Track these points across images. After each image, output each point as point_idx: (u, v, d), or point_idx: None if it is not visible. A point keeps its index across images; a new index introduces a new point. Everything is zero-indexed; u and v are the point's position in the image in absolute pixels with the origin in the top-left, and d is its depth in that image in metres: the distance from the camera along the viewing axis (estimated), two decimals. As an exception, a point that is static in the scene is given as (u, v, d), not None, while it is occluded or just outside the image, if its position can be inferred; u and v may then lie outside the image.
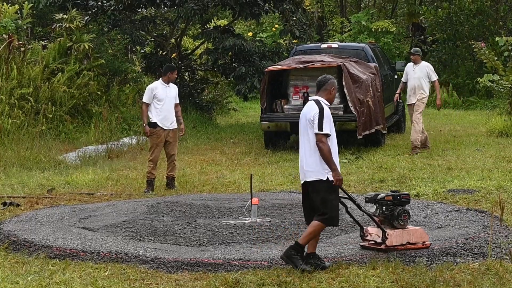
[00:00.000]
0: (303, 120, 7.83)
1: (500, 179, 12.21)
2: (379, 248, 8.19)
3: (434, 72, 15.93)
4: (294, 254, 7.63)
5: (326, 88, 7.90)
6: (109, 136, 17.44)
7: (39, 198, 11.78)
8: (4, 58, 17.72)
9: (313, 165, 7.66)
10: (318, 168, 7.64)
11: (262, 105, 16.75)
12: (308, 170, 7.70)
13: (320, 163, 7.63)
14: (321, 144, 7.59)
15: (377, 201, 8.26)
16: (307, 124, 7.73)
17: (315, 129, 7.63)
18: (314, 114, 7.67)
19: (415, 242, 8.28)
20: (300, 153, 7.85)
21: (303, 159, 7.78)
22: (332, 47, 18.39)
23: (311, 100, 7.90)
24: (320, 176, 7.64)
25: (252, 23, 31.79)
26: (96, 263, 8.07)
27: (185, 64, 22.86)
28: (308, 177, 7.70)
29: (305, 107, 7.90)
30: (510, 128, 17.79)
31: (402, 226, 8.26)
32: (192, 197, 11.77)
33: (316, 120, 7.63)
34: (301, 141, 7.86)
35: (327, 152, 7.60)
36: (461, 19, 27.42)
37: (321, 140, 7.60)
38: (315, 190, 7.67)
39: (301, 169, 7.85)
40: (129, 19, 21.12)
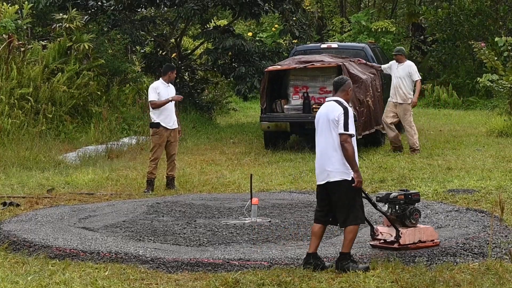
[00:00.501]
0: (322, 120, 7.81)
1: (500, 179, 12.21)
2: (391, 247, 8.21)
3: (417, 72, 15.61)
4: (345, 263, 7.63)
5: (344, 89, 7.89)
6: (109, 136, 17.45)
7: (39, 198, 11.77)
8: (4, 58, 17.72)
9: (337, 165, 7.66)
10: (342, 168, 7.66)
11: (262, 105, 16.76)
12: (331, 171, 7.68)
13: (344, 163, 7.65)
14: (346, 144, 7.61)
15: (390, 200, 8.26)
16: (329, 124, 7.71)
17: (340, 129, 7.63)
18: (339, 114, 7.66)
19: (425, 240, 8.34)
20: (319, 154, 7.82)
21: (324, 159, 7.75)
22: (332, 47, 18.39)
23: (330, 100, 7.88)
24: (345, 176, 7.66)
25: (252, 23, 31.79)
26: (96, 263, 8.07)
27: (185, 64, 22.86)
28: (332, 177, 7.68)
29: (324, 107, 7.87)
30: (510, 128, 17.78)
31: (414, 225, 8.30)
32: (192, 197, 11.77)
33: (342, 120, 7.64)
34: (319, 141, 7.84)
35: (352, 152, 7.63)
36: (461, 19, 27.42)
37: (346, 140, 7.62)
38: (340, 190, 7.67)
39: (321, 170, 7.79)
40: (129, 19, 21.12)
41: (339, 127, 7.64)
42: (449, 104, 26.27)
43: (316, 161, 7.89)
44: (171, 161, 12.71)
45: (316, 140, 7.88)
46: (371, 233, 8.37)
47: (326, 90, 16.54)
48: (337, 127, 7.65)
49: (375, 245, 8.36)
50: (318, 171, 7.84)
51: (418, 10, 30.93)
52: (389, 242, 8.26)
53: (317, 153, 7.85)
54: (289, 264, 7.84)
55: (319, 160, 7.82)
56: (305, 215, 10.30)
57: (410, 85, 15.51)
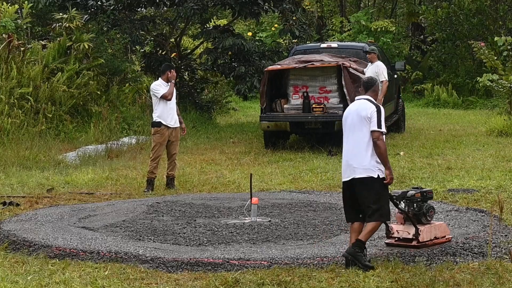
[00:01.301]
0: (351, 117, 7.88)
1: (500, 179, 12.22)
2: (410, 244, 8.26)
3: (385, 73, 15.35)
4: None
5: (374, 89, 8.03)
6: (109, 136, 17.45)
7: (39, 197, 11.77)
8: (4, 58, 17.72)
9: (365, 162, 7.72)
10: (369, 165, 7.72)
11: (261, 105, 16.76)
12: (358, 167, 7.74)
13: (371, 160, 7.72)
14: (379, 141, 7.69)
15: (408, 199, 8.30)
16: (361, 121, 7.77)
17: (374, 126, 7.71)
18: (372, 112, 7.75)
19: (440, 237, 8.45)
20: (347, 150, 7.87)
21: (352, 156, 7.80)
22: (331, 47, 18.38)
23: (361, 99, 7.96)
24: (371, 173, 7.71)
25: (251, 23, 31.79)
26: (96, 262, 8.07)
27: (184, 63, 22.86)
28: (358, 174, 7.73)
29: (355, 105, 7.96)
30: (510, 127, 17.79)
31: (429, 222, 8.38)
32: (192, 197, 11.77)
33: (375, 118, 7.72)
34: (347, 138, 7.90)
35: (384, 150, 7.73)
36: (460, 19, 27.44)
37: (379, 137, 7.70)
38: (366, 187, 7.72)
39: (347, 166, 7.84)
40: (129, 18, 21.12)
41: (371, 124, 7.72)
42: (449, 104, 26.28)
43: (343, 156, 7.95)
44: (172, 160, 12.72)
45: (345, 137, 7.95)
46: (386, 231, 8.39)
47: (325, 89, 16.53)
48: (369, 124, 7.73)
49: (391, 243, 8.40)
50: (344, 167, 7.90)
51: (417, 9, 30.96)
52: (406, 240, 8.31)
53: (345, 149, 7.92)
54: (289, 264, 7.83)
55: (346, 156, 7.88)
56: (305, 214, 10.31)
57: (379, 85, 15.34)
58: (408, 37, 33.58)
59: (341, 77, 16.14)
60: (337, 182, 12.72)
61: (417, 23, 32.74)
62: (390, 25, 29.63)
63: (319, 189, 12.29)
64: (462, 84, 27.23)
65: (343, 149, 7.95)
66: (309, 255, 8.08)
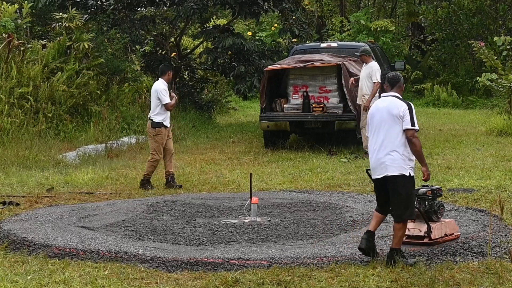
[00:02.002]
0: (380, 115, 7.89)
1: (500, 178, 12.22)
2: (422, 242, 8.32)
3: (378, 75, 15.17)
4: (396, 258, 7.71)
5: (399, 85, 8.03)
6: (109, 135, 17.45)
7: (39, 197, 11.77)
8: (4, 58, 17.72)
9: (397, 160, 7.74)
10: (401, 163, 7.74)
11: (261, 104, 16.77)
12: (390, 165, 7.75)
13: (403, 158, 7.74)
14: (414, 139, 7.73)
15: (420, 196, 8.35)
16: (392, 119, 7.78)
17: (407, 125, 7.72)
18: (404, 110, 7.77)
19: (449, 234, 8.54)
20: (376, 148, 7.88)
21: (383, 154, 7.80)
22: (331, 46, 18.38)
23: (389, 96, 7.97)
24: (403, 171, 7.74)
25: (251, 22, 31.78)
26: (96, 262, 8.07)
27: (184, 63, 22.86)
28: (391, 172, 7.75)
29: (383, 102, 7.95)
30: (510, 127, 17.78)
31: (439, 219, 8.45)
32: (192, 196, 11.77)
33: (408, 116, 7.74)
34: (377, 136, 7.89)
35: (420, 147, 7.77)
36: (460, 19, 27.43)
37: (413, 135, 7.73)
38: (397, 184, 7.75)
39: (378, 164, 7.85)
40: (129, 18, 21.12)
41: (405, 123, 7.73)
42: (449, 103, 26.28)
43: (372, 154, 7.94)
44: (170, 157, 12.71)
45: (373, 134, 7.95)
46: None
47: (325, 89, 16.53)
48: (401, 122, 7.74)
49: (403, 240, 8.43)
50: (375, 165, 7.90)
51: (417, 9, 30.94)
52: (418, 237, 8.36)
53: (374, 146, 7.91)
54: (289, 263, 7.83)
55: (376, 154, 7.87)
56: (305, 214, 10.31)
57: (371, 86, 15.16)
58: (408, 36, 33.58)
59: (341, 77, 16.14)
60: (336, 181, 12.73)
61: (417, 23, 32.74)
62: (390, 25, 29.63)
63: (319, 188, 12.28)
64: (462, 83, 27.23)
65: (371, 146, 7.97)
66: (309, 255, 8.08)
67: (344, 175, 13.31)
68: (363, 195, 11.55)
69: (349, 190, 12.10)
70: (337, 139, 16.85)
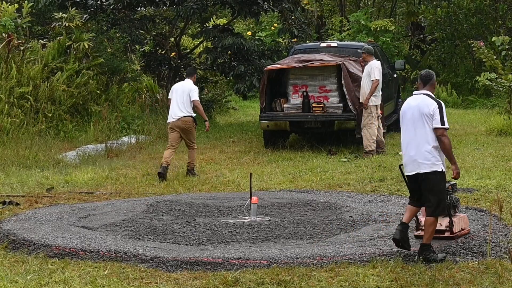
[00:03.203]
0: (411, 112, 8.04)
1: (500, 178, 12.21)
2: (442, 236, 8.44)
3: (378, 72, 15.09)
4: (427, 254, 7.86)
5: (432, 82, 8.18)
6: (109, 135, 17.45)
7: (39, 197, 11.77)
8: (4, 57, 17.72)
9: (429, 157, 7.91)
10: (433, 160, 7.91)
11: (261, 104, 16.75)
12: (423, 162, 7.92)
13: (434, 155, 7.91)
14: (443, 137, 7.91)
15: None
16: (423, 117, 7.94)
17: (437, 123, 7.90)
18: (434, 108, 7.93)
19: (464, 228, 8.70)
20: (409, 145, 8.05)
21: (415, 151, 7.98)
22: (331, 46, 18.37)
23: (420, 94, 8.10)
24: (435, 168, 7.92)
25: (251, 22, 31.78)
26: (96, 262, 8.08)
27: (184, 63, 22.85)
28: (424, 169, 7.92)
29: (414, 100, 8.10)
30: (509, 127, 17.77)
31: (455, 214, 8.60)
32: (192, 196, 11.77)
33: (438, 115, 7.91)
34: (409, 134, 8.06)
35: (449, 145, 7.95)
36: (460, 18, 27.42)
37: (443, 134, 7.91)
38: (430, 181, 7.93)
39: (410, 161, 8.04)
40: (128, 18, 21.12)
41: (434, 121, 7.90)
42: (449, 103, 26.25)
43: (404, 151, 8.14)
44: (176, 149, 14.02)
45: (405, 131, 8.12)
46: (416, 224, 8.60)
47: (325, 89, 16.52)
48: (431, 121, 7.91)
49: (420, 235, 8.49)
50: (407, 161, 8.09)
51: (417, 9, 30.92)
52: (439, 231, 8.45)
53: (406, 144, 8.10)
54: (289, 263, 7.83)
55: (409, 151, 8.06)
56: (305, 214, 10.31)
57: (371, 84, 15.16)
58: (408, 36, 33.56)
59: (341, 77, 16.13)
60: (336, 181, 12.73)
61: (417, 23, 32.72)
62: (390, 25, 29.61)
63: (318, 188, 12.28)
64: (462, 83, 27.22)
65: (403, 143, 8.14)
66: (308, 255, 8.09)
67: (344, 174, 13.31)
68: (363, 195, 11.55)
69: (349, 189, 12.10)
70: (337, 139, 16.85)
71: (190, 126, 13.79)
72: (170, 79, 22.13)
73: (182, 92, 13.73)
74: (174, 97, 13.82)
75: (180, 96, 13.72)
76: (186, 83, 13.90)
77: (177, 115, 13.66)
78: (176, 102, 13.73)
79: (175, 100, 13.76)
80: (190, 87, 13.79)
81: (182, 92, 13.72)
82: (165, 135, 18.42)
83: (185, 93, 13.67)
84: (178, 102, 13.71)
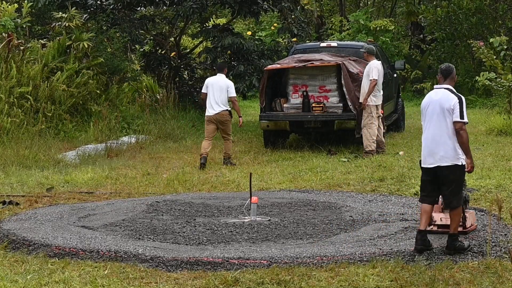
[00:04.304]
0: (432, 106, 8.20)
1: (500, 178, 12.21)
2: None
3: (376, 72, 15.03)
4: (456, 244, 8.09)
5: (452, 76, 8.34)
6: (109, 135, 17.44)
7: (39, 197, 11.77)
8: (4, 57, 17.72)
9: (450, 151, 8.10)
10: (454, 154, 8.09)
11: (261, 104, 16.76)
12: (444, 156, 8.10)
13: (455, 149, 8.09)
14: (462, 131, 8.06)
15: None
16: (444, 112, 8.11)
17: (457, 117, 8.06)
18: (455, 103, 8.09)
19: (472, 224, 8.90)
20: (429, 139, 8.21)
21: (436, 144, 8.15)
22: (331, 46, 18.37)
23: (441, 88, 8.26)
24: (456, 161, 8.10)
25: (251, 22, 31.78)
26: (95, 261, 8.07)
27: (184, 62, 22.87)
28: (444, 162, 8.10)
29: (435, 95, 8.25)
30: (509, 126, 17.78)
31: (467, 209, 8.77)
32: (192, 196, 11.77)
33: (457, 109, 8.07)
34: (430, 128, 8.22)
35: (467, 139, 8.12)
36: (460, 18, 27.41)
37: (462, 127, 8.07)
38: (451, 174, 8.12)
39: (431, 154, 8.18)
40: (128, 17, 21.13)
41: (454, 115, 8.07)
42: (449, 103, 26.22)
43: (425, 144, 8.27)
44: None
45: (427, 124, 8.28)
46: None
47: (325, 89, 16.52)
48: (452, 115, 8.07)
49: (432, 230, 8.68)
50: (427, 154, 8.24)
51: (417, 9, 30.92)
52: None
53: (427, 137, 8.25)
54: (289, 263, 7.84)
55: (430, 144, 8.22)
56: (305, 214, 10.31)
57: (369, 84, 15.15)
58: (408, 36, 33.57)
59: (341, 77, 16.13)
60: (336, 181, 12.73)
61: (417, 22, 32.72)
62: (390, 24, 29.62)
63: (318, 188, 12.29)
64: (462, 83, 27.19)
65: (424, 136, 8.29)
66: (308, 254, 8.09)
67: (344, 174, 13.31)
68: (363, 195, 11.55)
69: (348, 189, 12.10)
70: (337, 139, 16.85)
71: (227, 119, 14.99)
72: (170, 79, 22.14)
73: (219, 87, 14.74)
74: (210, 92, 14.77)
75: (217, 91, 14.74)
76: (222, 78, 14.87)
77: (214, 109, 14.80)
78: (214, 96, 14.75)
79: (212, 94, 14.76)
80: (227, 83, 14.82)
81: (220, 87, 14.74)
82: (164, 134, 18.46)
83: (223, 88, 14.74)
84: (215, 96, 14.76)
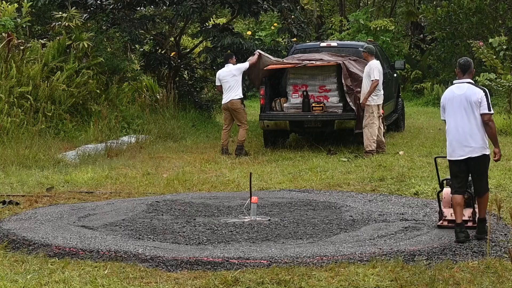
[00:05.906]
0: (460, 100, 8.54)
1: (499, 178, 12.22)
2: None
3: (376, 72, 15.04)
4: (482, 227, 8.56)
5: (470, 70, 8.72)
6: (109, 135, 17.44)
7: (39, 196, 11.77)
8: (3, 57, 17.71)
9: (480, 142, 8.48)
10: (483, 144, 8.50)
11: (261, 104, 16.76)
12: (475, 147, 8.48)
13: (483, 140, 8.49)
14: (491, 123, 8.48)
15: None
16: (472, 105, 8.47)
17: (485, 109, 8.45)
18: (482, 96, 8.48)
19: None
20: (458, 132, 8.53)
21: (466, 137, 8.49)
22: (331, 46, 18.37)
23: (463, 82, 8.66)
24: (484, 152, 8.51)
25: (251, 22, 31.78)
26: (95, 261, 8.07)
27: (184, 62, 22.86)
28: (475, 153, 8.48)
29: (460, 89, 8.63)
30: (509, 126, 17.79)
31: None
32: (191, 196, 11.77)
33: (485, 102, 8.46)
34: (457, 121, 8.54)
35: (495, 130, 8.59)
36: (460, 18, 27.43)
37: (490, 119, 8.48)
38: (480, 164, 8.52)
39: (462, 146, 8.51)
40: (128, 17, 21.12)
41: (482, 108, 8.45)
42: (449, 103, 26.23)
43: (453, 137, 8.60)
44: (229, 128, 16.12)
45: (452, 118, 8.60)
46: (440, 215, 9.16)
47: (325, 88, 16.52)
48: (479, 108, 8.44)
49: (443, 225, 9.05)
50: (457, 147, 8.58)
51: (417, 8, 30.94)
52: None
53: (455, 130, 8.59)
54: (289, 263, 7.84)
55: (459, 137, 8.55)
56: (305, 213, 10.31)
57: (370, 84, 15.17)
58: (408, 36, 33.59)
59: (341, 76, 16.13)
60: (336, 181, 12.73)
61: (417, 22, 32.76)
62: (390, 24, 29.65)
63: (318, 188, 12.29)
64: (462, 83, 27.20)
65: (451, 129, 8.61)
66: (308, 254, 8.09)
67: (344, 174, 13.32)
68: (363, 195, 11.56)
69: (348, 189, 12.11)
70: (337, 138, 16.85)
71: (238, 107, 15.74)
72: (170, 79, 22.13)
73: (230, 76, 15.67)
74: (223, 82, 15.74)
75: (228, 80, 15.65)
76: (228, 67, 15.74)
77: (226, 98, 15.70)
78: (226, 86, 15.71)
79: (225, 84, 15.73)
80: (232, 68, 15.71)
81: (231, 76, 15.66)
82: (164, 134, 18.47)
83: (235, 76, 15.66)
84: (226, 86, 15.71)
